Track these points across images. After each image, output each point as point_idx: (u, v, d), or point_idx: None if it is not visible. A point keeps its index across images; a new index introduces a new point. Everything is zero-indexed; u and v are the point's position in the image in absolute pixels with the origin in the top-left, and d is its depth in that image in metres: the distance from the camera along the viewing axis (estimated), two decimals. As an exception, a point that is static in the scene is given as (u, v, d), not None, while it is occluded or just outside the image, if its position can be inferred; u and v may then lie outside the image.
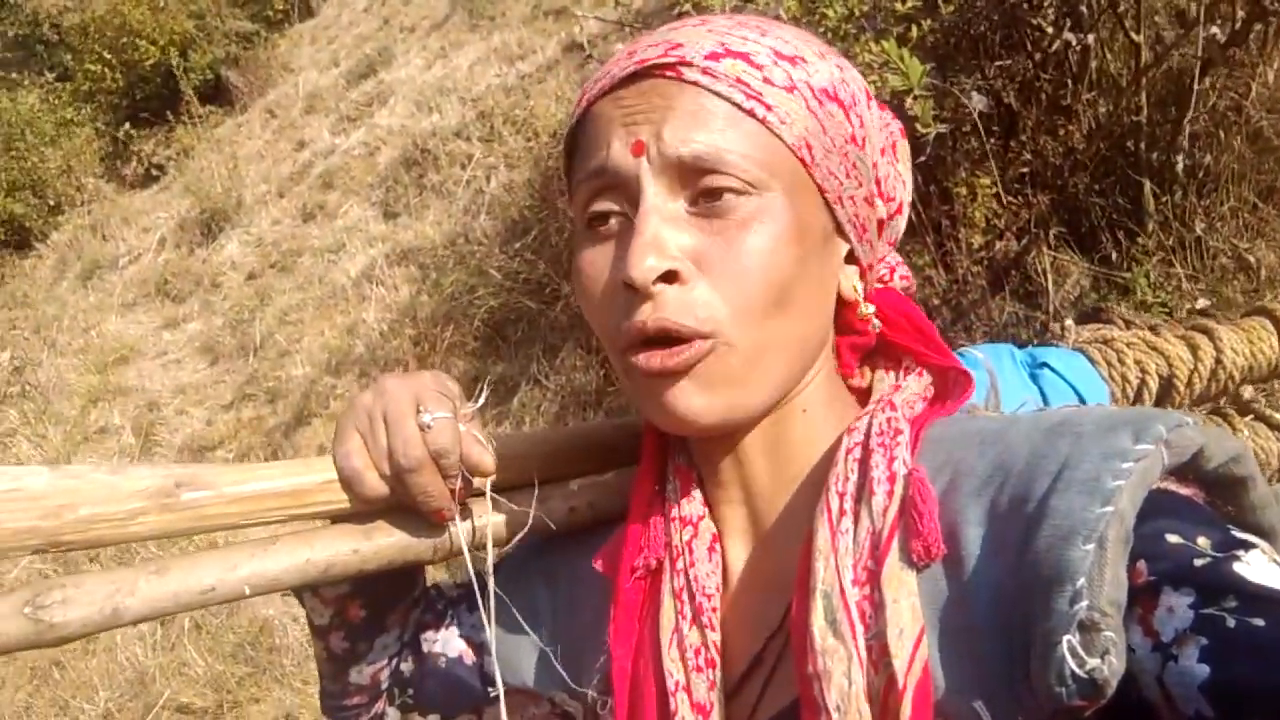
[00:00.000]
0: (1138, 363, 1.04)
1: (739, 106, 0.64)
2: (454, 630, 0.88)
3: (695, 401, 0.64)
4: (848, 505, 0.62)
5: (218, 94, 10.36)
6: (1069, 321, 1.18)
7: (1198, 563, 0.51)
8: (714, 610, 0.69)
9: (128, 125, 10.18)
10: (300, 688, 3.84)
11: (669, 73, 0.65)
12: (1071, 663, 0.49)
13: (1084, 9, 2.90)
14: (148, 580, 0.65)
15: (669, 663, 0.68)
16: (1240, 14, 2.61)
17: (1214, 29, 2.17)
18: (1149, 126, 2.92)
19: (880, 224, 0.75)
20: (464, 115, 6.07)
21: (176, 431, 5.95)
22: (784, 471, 0.71)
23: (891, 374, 0.73)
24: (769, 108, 0.64)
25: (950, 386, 0.70)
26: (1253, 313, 1.14)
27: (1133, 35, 2.80)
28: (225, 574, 0.67)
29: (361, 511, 0.72)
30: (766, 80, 0.65)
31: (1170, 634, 0.49)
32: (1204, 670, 0.47)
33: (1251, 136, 2.92)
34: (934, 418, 0.67)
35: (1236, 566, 0.50)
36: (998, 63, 3.02)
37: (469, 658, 0.87)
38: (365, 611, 0.83)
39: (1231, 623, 0.47)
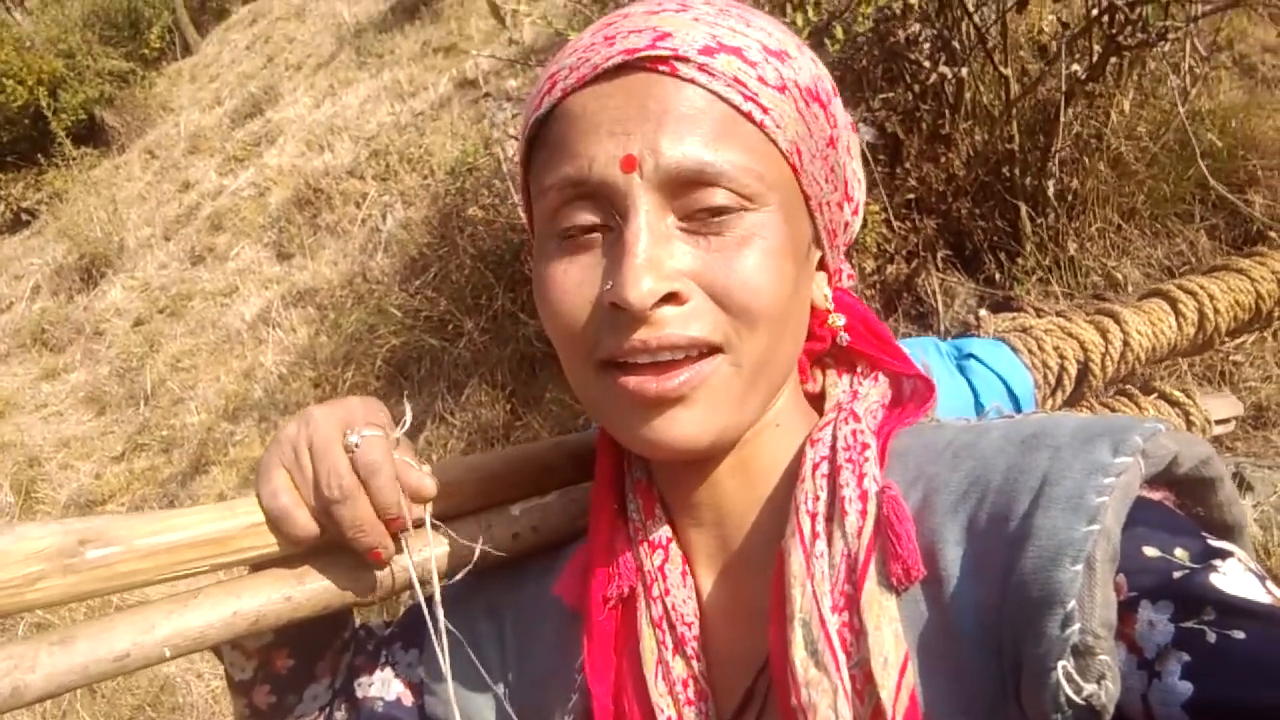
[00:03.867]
0: (1056, 349, 1.09)
1: (737, 109, 0.59)
2: (389, 671, 0.82)
3: (689, 428, 0.60)
4: (820, 526, 0.59)
5: (92, 135, 10.00)
6: (983, 311, 1.24)
7: (1176, 575, 0.50)
8: (695, 639, 0.65)
9: (-7, 169, 9.73)
10: (207, 748, 3.70)
11: (661, 67, 0.58)
12: (1068, 689, 0.47)
13: (956, 44, 3.07)
14: (50, 652, 0.57)
15: (657, 697, 0.64)
16: (1097, 49, 2.81)
17: (1075, 66, 2.33)
18: (1021, 153, 3.10)
19: (845, 226, 0.71)
20: (357, 154, 6.01)
21: (61, 487, 5.67)
22: (752, 490, 0.67)
23: (845, 378, 0.71)
24: (765, 110, 0.59)
25: (908, 393, 0.68)
26: (1150, 295, 1.21)
27: (1001, 69, 2.97)
28: (141, 637, 0.60)
29: (290, 554, 0.66)
30: (761, 79, 0.60)
31: (1153, 650, 0.48)
32: (1187, 688, 0.46)
33: (1113, 161, 3.12)
34: (898, 426, 0.65)
35: (1214, 578, 0.49)
36: (881, 95, 3.16)
37: (408, 699, 0.80)
38: (293, 661, 0.78)
39: (1212, 637, 0.46)
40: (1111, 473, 0.51)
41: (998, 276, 3.16)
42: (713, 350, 0.60)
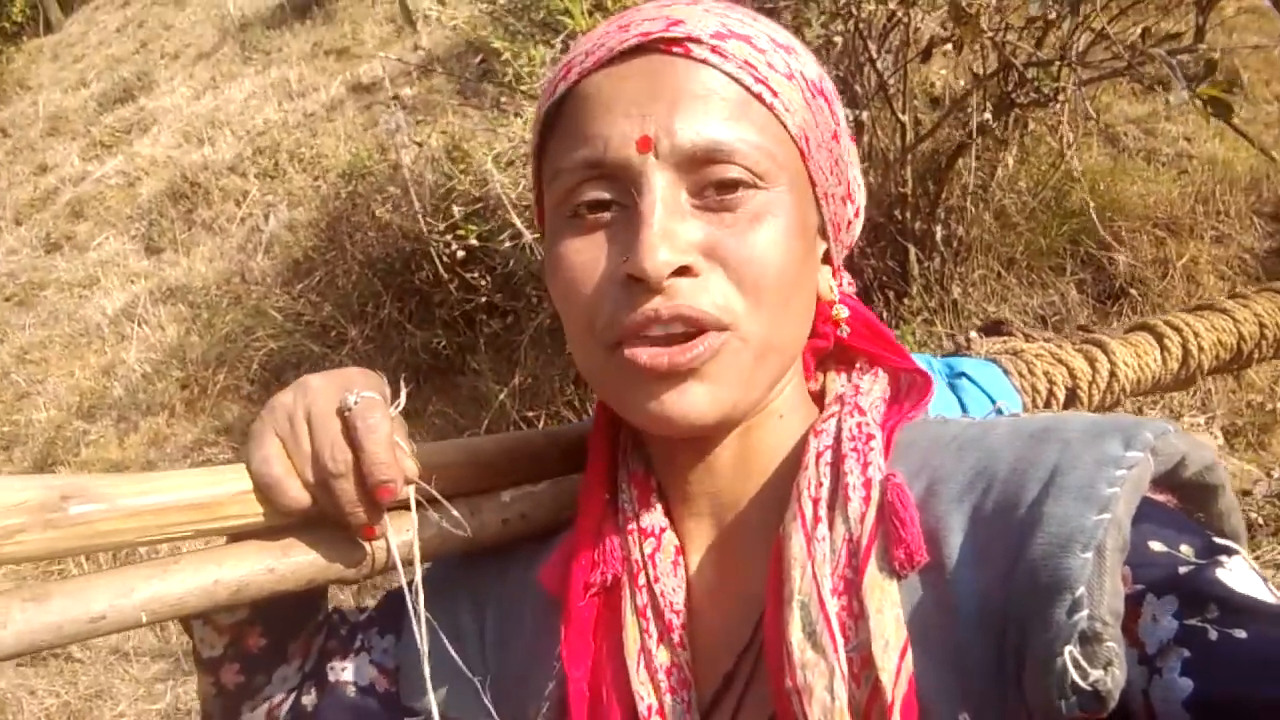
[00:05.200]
0: (1046, 374, 1.12)
1: (748, 89, 0.60)
2: (364, 657, 0.79)
3: (699, 402, 0.60)
4: (822, 511, 0.59)
5: (-63, 107, 9.32)
6: (973, 334, 1.26)
7: (1182, 570, 0.50)
8: (683, 627, 0.65)
9: None
10: (39, 769, 3.44)
11: (675, 49, 0.60)
12: (1074, 674, 0.47)
13: (858, 88, 3.19)
14: (24, 609, 0.56)
15: (639, 685, 0.63)
16: (989, 105, 2.98)
17: (987, 114, 2.47)
18: (913, 198, 3.24)
19: (848, 225, 0.71)
20: (240, 150, 5.78)
21: (-119, 483, 5.20)
22: (751, 480, 0.67)
23: (844, 375, 0.71)
24: (775, 93, 0.61)
25: (906, 387, 0.69)
26: (1136, 328, 1.25)
27: (900, 115, 3.11)
28: (119, 599, 0.59)
29: (275, 526, 0.64)
30: (770, 65, 0.62)
31: (1155, 645, 0.48)
32: (1187, 685, 0.46)
33: (997, 213, 3.31)
34: (903, 421, 0.65)
35: (1219, 573, 0.49)
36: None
37: (381, 685, 0.79)
38: (266, 640, 0.75)
39: (1214, 635, 0.47)
40: (1123, 465, 0.52)
41: (885, 315, 3.29)
42: (721, 327, 0.60)
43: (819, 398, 0.71)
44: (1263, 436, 2.82)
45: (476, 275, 3.34)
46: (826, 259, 0.70)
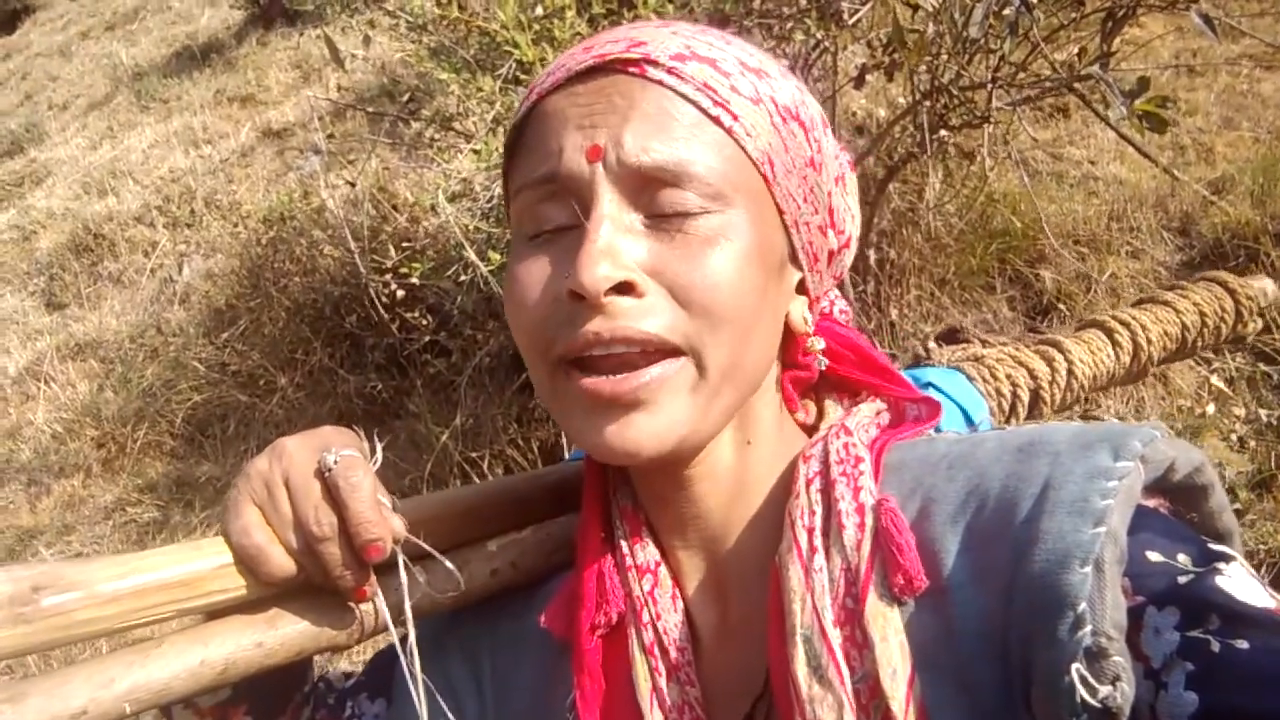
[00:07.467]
0: (1008, 377, 1.15)
1: (705, 112, 0.59)
2: None
3: (642, 433, 0.58)
4: (817, 541, 0.58)
5: None
6: (932, 343, 1.28)
7: (1181, 580, 0.50)
8: (689, 664, 0.64)
9: None
10: None
11: (631, 69, 0.60)
12: (1083, 691, 0.47)
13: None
14: (0, 711, 0.53)
15: None
16: (913, 128, 3.07)
17: (943, 132, 2.54)
18: (847, 223, 3.31)
19: (830, 255, 0.70)
20: (146, 199, 5.59)
21: None
22: (737, 509, 0.66)
23: (845, 403, 0.70)
24: (735, 117, 0.60)
25: (911, 417, 0.68)
26: (1086, 326, 1.30)
27: (831, 144, 3.18)
28: (99, 692, 0.55)
29: (259, 598, 0.62)
30: (733, 89, 0.61)
31: (1160, 659, 0.48)
32: (1192, 699, 0.46)
33: (926, 235, 3.41)
34: (891, 440, 0.64)
35: (1219, 580, 0.49)
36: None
37: None
38: (251, 718, 0.73)
39: (1216, 646, 0.47)
40: (1114, 476, 0.52)
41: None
42: (673, 353, 0.59)
43: (812, 430, 0.70)
44: (1195, 440, 2.94)
45: (417, 315, 3.29)
46: (802, 289, 0.68)
